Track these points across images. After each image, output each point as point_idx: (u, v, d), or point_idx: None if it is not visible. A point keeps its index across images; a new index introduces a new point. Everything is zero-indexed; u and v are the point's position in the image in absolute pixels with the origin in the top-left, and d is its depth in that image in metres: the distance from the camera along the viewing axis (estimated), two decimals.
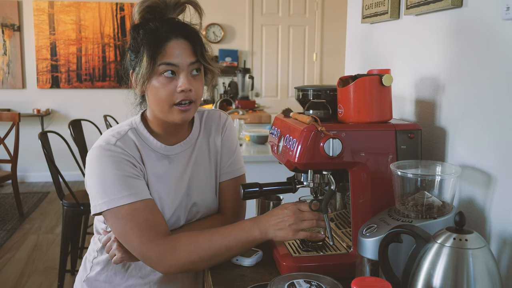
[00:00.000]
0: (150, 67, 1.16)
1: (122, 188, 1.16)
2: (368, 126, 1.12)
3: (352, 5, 1.83)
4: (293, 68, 6.28)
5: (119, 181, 1.17)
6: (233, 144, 1.40)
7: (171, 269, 1.17)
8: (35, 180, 5.88)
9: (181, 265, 1.16)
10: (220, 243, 1.17)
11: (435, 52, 1.23)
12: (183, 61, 1.18)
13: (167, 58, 1.17)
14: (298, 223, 1.16)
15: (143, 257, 1.17)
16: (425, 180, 1.01)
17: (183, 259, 1.15)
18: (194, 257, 1.15)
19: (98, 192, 1.18)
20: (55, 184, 2.90)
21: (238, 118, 3.62)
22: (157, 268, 1.18)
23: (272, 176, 1.36)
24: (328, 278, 0.93)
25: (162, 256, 1.15)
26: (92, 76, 5.87)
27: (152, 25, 1.19)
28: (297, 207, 1.18)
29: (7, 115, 4.51)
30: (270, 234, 1.17)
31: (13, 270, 3.31)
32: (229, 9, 6.02)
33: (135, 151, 1.23)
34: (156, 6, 1.21)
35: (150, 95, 1.22)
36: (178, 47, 1.18)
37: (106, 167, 1.18)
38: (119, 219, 1.16)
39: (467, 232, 0.83)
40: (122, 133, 1.25)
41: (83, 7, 5.78)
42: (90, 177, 1.20)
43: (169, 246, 1.15)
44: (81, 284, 1.34)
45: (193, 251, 1.15)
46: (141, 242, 1.15)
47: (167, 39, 1.17)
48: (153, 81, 1.18)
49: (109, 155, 1.19)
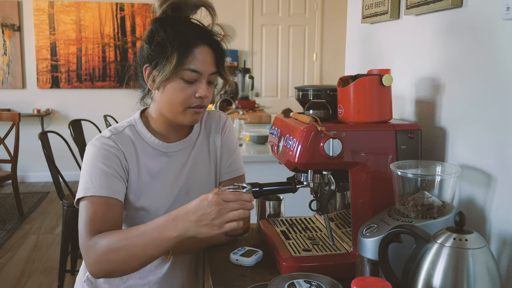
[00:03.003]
0: (175, 70, 1.17)
1: (94, 181, 1.19)
2: (368, 126, 1.12)
3: (352, 5, 1.83)
4: (293, 68, 6.28)
5: (96, 174, 1.19)
6: (233, 144, 1.41)
7: (92, 268, 1.11)
8: (35, 180, 5.88)
9: (99, 264, 1.10)
10: (135, 242, 1.09)
11: (435, 52, 1.23)
12: (206, 69, 1.21)
13: (193, 64, 1.19)
14: (223, 216, 1.01)
15: (82, 253, 1.15)
16: (425, 180, 1.01)
17: (100, 257, 1.10)
18: (110, 255, 1.09)
19: (80, 182, 1.21)
20: (55, 184, 2.90)
21: (238, 118, 3.61)
22: (86, 266, 1.13)
23: (272, 176, 1.36)
24: (328, 278, 0.93)
25: (86, 253, 1.13)
26: (92, 76, 5.87)
27: (182, 28, 1.21)
28: (220, 197, 1.03)
29: (7, 115, 4.51)
30: (191, 232, 1.04)
31: (13, 270, 3.31)
32: (229, 9, 6.02)
33: (130, 147, 1.25)
34: (179, 4, 1.23)
35: (164, 94, 1.22)
36: (204, 54, 1.20)
37: (93, 159, 1.21)
38: (80, 208, 1.19)
39: (467, 232, 0.83)
40: (119, 129, 1.28)
41: (83, 7, 5.78)
42: (82, 167, 1.24)
43: (92, 242, 1.12)
44: (81, 284, 1.34)
45: (109, 248, 1.09)
46: (80, 235, 1.15)
47: (195, 45, 1.19)
48: (172, 82, 1.20)
49: (100, 147, 1.22)
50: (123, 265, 1.11)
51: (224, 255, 1.25)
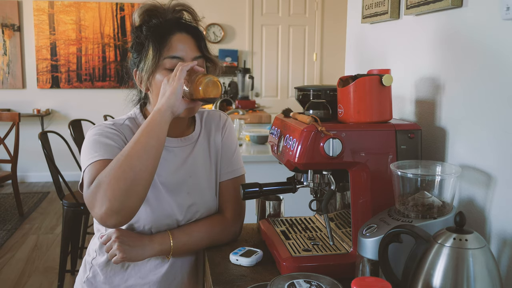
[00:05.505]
0: (155, 61, 1.19)
1: (98, 150, 1.18)
2: (368, 126, 1.12)
3: (352, 5, 1.83)
4: (293, 68, 6.28)
5: (100, 145, 1.19)
6: (233, 144, 1.41)
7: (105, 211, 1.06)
8: (35, 180, 5.88)
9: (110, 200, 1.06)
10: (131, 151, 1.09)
11: (435, 52, 1.23)
12: (188, 54, 1.21)
13: (172, 51, 1.20)
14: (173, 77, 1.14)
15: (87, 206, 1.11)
16: (425, 180, 1.01)
17: (109, 183, 1.06)
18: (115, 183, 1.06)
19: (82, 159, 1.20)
20: (55, 184, 2.91)
21: (238, 118, 3.61)
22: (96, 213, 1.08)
23: (272, 176, 1.36)
24: (328, 278, 0.93)
25: (93, 198, 1.08)
26: (92, 76, 5.87)
27: (156, 21, 1.23)
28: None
29: (7, 115, 4.51)
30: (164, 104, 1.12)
31: (13, 270, 3.31)
32: (229, 9, 6.02)
33: (131, 136, 1.25)
34: (156, 10, 1.25)
35: (154, 89, 1.24)
36: (182, 40, 1.22)
37: (94, 138, 1.21)
38: (84, 176, 1.17)
39: (467, 232, 0.83)
40: (120, 122, 1.29)
41: (83, 7, 5.78)
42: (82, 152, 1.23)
43: (95, 182, 1.09)
44: (81, 285, 1.34)
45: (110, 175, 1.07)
46: (84, 191, 1.13)
47: (171, 33, 1.22)
48: (157, 76, 1.21)
49: (102, 129, 1.23)
50: (132, 186, 1.07)
51: (224, 255, 1.25)
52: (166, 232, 1.26)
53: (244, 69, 5.18)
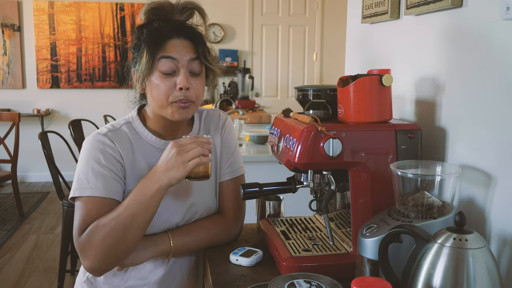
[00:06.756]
0: (150, 62, 1.19)
1: (91, 181, 1.20)
2: (368, 126, 1.12)
3: (352, 5, 1.83)
4: (293, 68, 6.28)
5: (92, 174, 1.20)
6: (233, 144, 1.40)
7: (93, 262, 1.15)
8: (35, 180, 5.88)
9: (100, 254, 1.14)
10: (124, 214, 1.14)
11: (435, 52, 1.23)
12: (183, 56, 1.20)
13: (166, 52, 1.20)
14: (183, 155, 1.12)
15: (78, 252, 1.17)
16: (425, 180, 1.01)
17: (100, 246, 1.13)
18: (108, 240, 1.13)
19: (75, 178, 1.22)
20: (55, 184, 2.91)
21: (238, 118, 3.62)
22: (84, 264, 1.17)
23: (272, 176, 1.36)
24: (328, 278, 0.93)
25: (82, 250, 1.16)
26: (92, 76, 5.87)
27: (156, 25, 1.23)
28: (177, 143, 1.15)
29: (7, 115, 4.51)
30: (164, 179, 1.13)
31: (13, 270, 3.31)
32: (229, 9, 6.02)
33: (127, 144, 1.26)
34: (162, 8, 1.24)
35: (149, 91, 1.24)
36: (179, 45, 1.21)
37: (89, 157, 1.22)
38: (76, 207, 1.20)
39: (467, 232, 0.83)
40: (117, 126, 1.29)
41: (83, 7, 5.78)
42: (78, 163, 1.25)
43: (86, 236, 1.15)
44: (81, 285, 1.34)
45: (105, 233, 1.13)
46: (74, 235, 1.18)
47: (168, 38, 1.21)
48: (152, 77, 1.21)
49: (96, 146, 1.23)
50: (121, 244, 1.14)
51: (224, 255, 1.25)
52: (166, 233, 1.26)
53: (244, 69, 5.18)
